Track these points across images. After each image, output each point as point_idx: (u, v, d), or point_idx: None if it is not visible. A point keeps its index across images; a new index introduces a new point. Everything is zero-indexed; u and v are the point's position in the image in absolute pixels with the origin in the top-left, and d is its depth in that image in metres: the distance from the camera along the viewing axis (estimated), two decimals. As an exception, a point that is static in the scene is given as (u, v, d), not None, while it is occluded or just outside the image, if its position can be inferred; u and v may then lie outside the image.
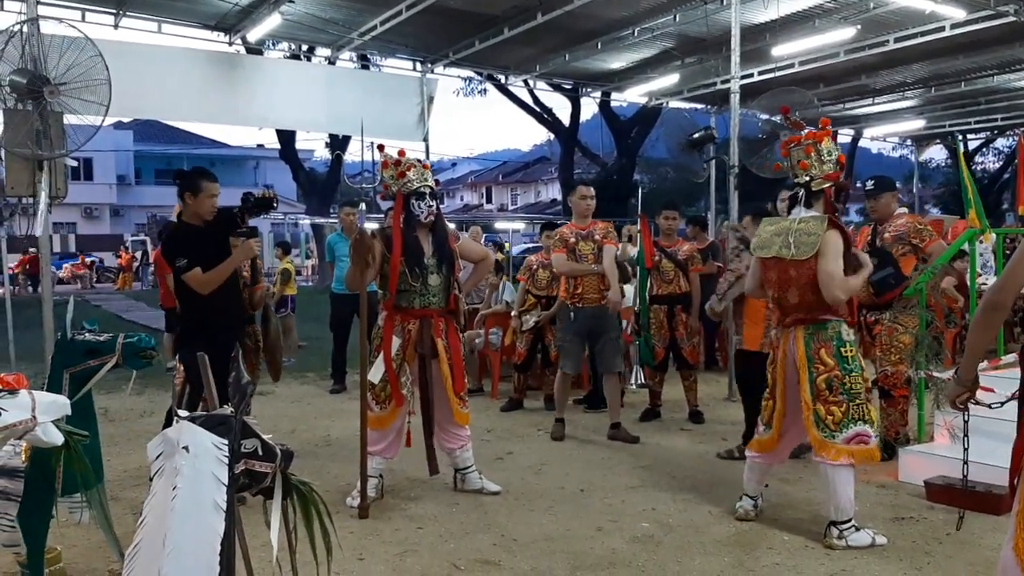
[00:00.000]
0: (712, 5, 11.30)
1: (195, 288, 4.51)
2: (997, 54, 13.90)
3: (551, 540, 4.17)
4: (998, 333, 4.30)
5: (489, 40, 12.72)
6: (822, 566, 3.83)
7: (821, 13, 11.98)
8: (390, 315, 4.83)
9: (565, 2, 11.05)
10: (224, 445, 1.98)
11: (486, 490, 4.94)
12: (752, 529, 4.32)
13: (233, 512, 1.98)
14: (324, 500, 2.44)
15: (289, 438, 6.43)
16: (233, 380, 2.20)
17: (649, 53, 14.32)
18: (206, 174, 4.67)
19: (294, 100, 12.67)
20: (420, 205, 4.78)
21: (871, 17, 11.87)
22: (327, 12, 11.97)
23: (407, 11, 11.18)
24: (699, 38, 12.74)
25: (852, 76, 15.47)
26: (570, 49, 13.89)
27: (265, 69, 13.08)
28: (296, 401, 8.07)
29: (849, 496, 4.06)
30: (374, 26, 12.06)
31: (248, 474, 2.10)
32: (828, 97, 16.64)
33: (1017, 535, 2.28)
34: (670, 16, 12.10)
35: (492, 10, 11.89)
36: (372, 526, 4.39)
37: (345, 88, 13.13)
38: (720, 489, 5.00)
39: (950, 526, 4.27)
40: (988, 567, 3.65)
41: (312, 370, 9.68)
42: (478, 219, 35.56)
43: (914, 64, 14.90)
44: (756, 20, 11.85)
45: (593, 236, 6.34)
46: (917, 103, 18.15)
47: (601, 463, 5.67)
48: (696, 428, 6.80)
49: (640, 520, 4.47)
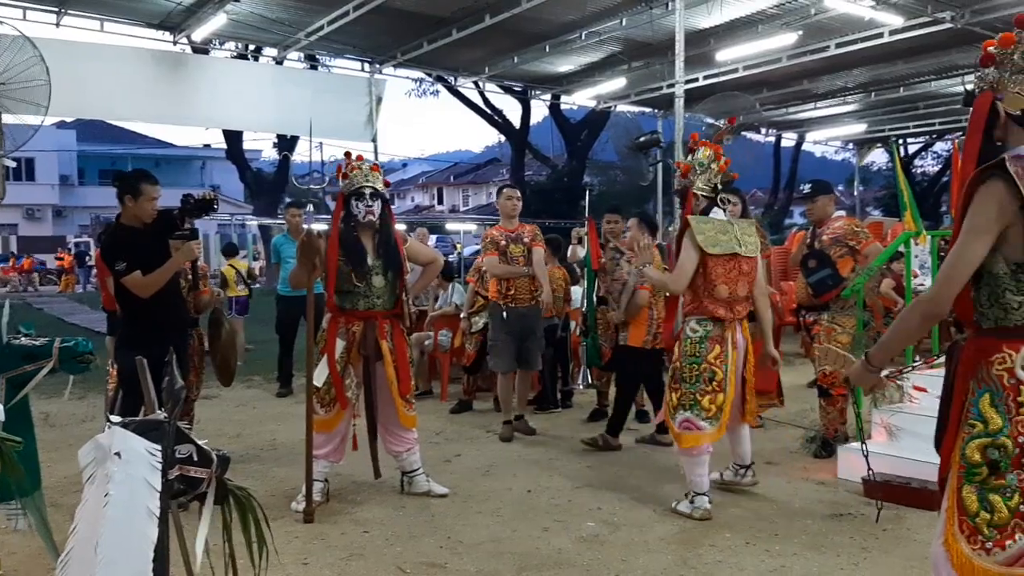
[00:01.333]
0: (657, 10, 11.45)
1: (135, 292, 4.43)
2: (935, 60, 14.30)
3: (498, 541, 4.18)
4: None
5: (438, 41, 12.74)
6: (763, 563, 3.90)
7: (764, 19, 12.21)
8: (334, 317, 4.80)
9: (513, 5, 11.11)
10: (157, 451, 1.95)
11: (433, 492, 4.93)
12: (695, 527, 4.38)
13: (167, 519, 1.95)
14: (265, 505, 2.42)
15: (234, 442, 6.36)
16: (167, 385, 2.17)
17: (597, 57, 14.46)
18: (146, 176, 4.59)
19: (241, 100, 12.55)
20: (358, 205, 4.76)
21: (812, 23, 12.13)
22: (273, 12, 11.87)
23: (354, 11, 11.14)
24: (645, 42, 12.90)
25: (795, 81, 15.79)
26: (519, 52, 13.97)
27: (211, 69, 12.93)
28: (242, 405, 7.97)
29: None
30: (321, 26, 12.01)
31: (183, 480, 2.07)
32: (772, 101, 16.98)
33: (947, 530, 2.34)
34: (616, 20, 12.24)
35: (440, 12, 11.90)
36: (317, 530, 4.36)
37: (293, 88, 13.04)
38: (665, 487, 5.07)
39: (887, 522, 4.40)
40: (924, 562, 3.73)
41: (258, 373, 9.56)
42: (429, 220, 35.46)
43: (855, 69, 15.26)
44: (700, 25, 12.03)
45: (522, 239, 6.47)
46: (858, 108, 18.59)
47: (549, 464, 5.70)
48: (642, 427, 6.86)
49: (586, 519, 4.51)
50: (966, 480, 2.29)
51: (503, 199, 6.68)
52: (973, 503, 2.27)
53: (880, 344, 2.56)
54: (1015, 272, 2.20)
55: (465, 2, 11.45)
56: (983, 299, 2.28)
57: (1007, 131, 2.25)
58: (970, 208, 2.22)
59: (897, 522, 4.40)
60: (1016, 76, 2.21)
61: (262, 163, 35.84)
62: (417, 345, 8.27)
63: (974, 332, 2.34)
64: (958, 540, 2.31)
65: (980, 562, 2.27)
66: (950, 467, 2.37)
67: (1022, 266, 2.18)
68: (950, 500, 2.35)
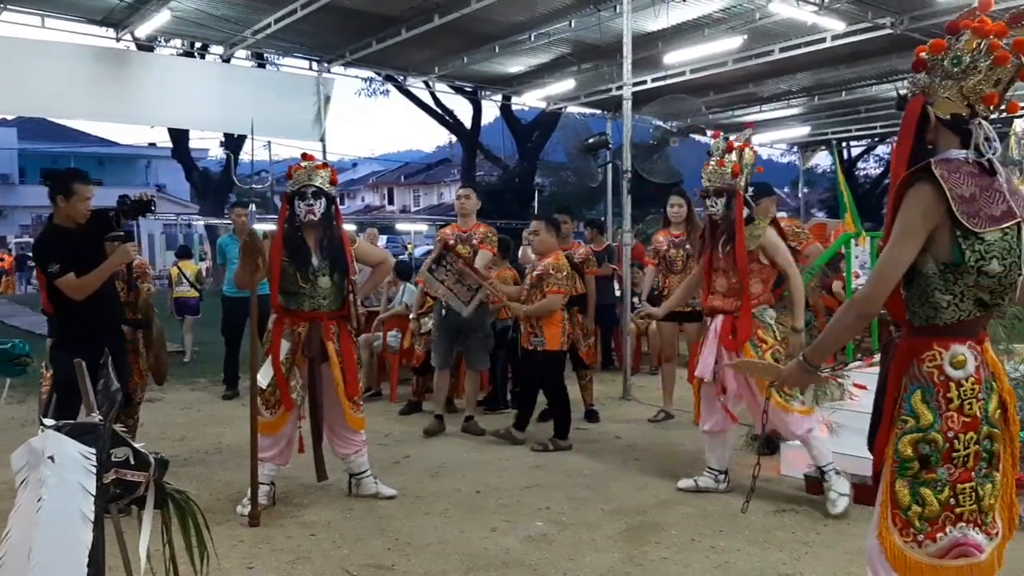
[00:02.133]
0: (605, 12, 11.52)
1: (68, 294, 4.33)
2: (876, 65, 14.61)
3: (445, 542, 4.18)
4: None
5: (387, 41, 12.67)
6: (707, 559, 3.95)
7: (710, 23, 12.37)
8: (279, 318, 4.76)
9: (462, 5, 11.09)
10: (92, 454, 1.91)
11: (381, 494, 4.90)
12: (642, 525, 4.43)
13: (102, 523, 1.92)
14: (209, 509, 2.40)
15: (178, 445, 6.26)
16: (102, 387, 2.13)
17: (546, 58, 14.51)
18: (79, 176, 4.49)
19: (186, 98, 12.35)
20: (300, 205, 4.72)
21: (757, 27, 12.32)
22: (219, 9, 11.70)
23: (302, 10, 11.03)
24: (594, 44, 12.98)
25: (740, 84, 16.02)
26: (468, 52, 13.96)
27: (156, 66, 12.70)
28: (186, 408, 7.85)
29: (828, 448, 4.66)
30: (268, 24, 11.86)
31: (119, 484, 2.03)
32: (718, 105, 17.21)
33: (881, 523, 2.41)
34: (566, 22, 12.30)
35: (389, 11, 11.84)
36: (263, 534, 4.31)
37: (239, 87, 12.87)
38: (612, 487, 5.11)
39: (829, 517, 4.49)
40: (863, 555, 3.80)
41: (204, 375, 9.43)
42: (379, 220, 35.26)
43: (798, 74, 15.53)
44: (648, 28, 12.14)
45: (472, 240, 6.54)
46: (802, 111, 18.93)
47: (498, 464, 5.70)
48: (591, 427, 6.92)
49: (534, 519, 4.53)
50: (899, 474, 2.36)
51: (455, 199, 6.81)
52: (905, 497, 2.34)
53: (816, 344, 2.62)
54: (943, 272, 2.26)
55: (414, 2, 11.40)
56: (914, 299, 2.35)
57: (937, 135, 2.32)
58: (900, 211, 2.28)
59: (837, 517, 4.49)
60: (946, 82, 2.28)
61: (209, 162, 35.26)
62: (366, 346, 8.22)
63: (906, 331, 2.40)
64: (891, 533, 2.37)
65: (912, 554, 2.33)
66: (884, 462, 2.43)
67: (950, 266, 2.25)
68: (884, 494, 2.42)
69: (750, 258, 4.72)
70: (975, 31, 2.22)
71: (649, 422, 7.03)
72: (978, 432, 2.30)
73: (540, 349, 6.15)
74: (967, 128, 2.27)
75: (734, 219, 4.72)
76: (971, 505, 2.31)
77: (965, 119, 2.27)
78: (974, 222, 2.20)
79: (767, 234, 4.72)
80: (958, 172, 2.23)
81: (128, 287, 5.15)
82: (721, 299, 4.85)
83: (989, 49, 2.21)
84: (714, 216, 4.83)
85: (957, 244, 2.22)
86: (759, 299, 4.79)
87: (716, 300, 4.88)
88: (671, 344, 7.17)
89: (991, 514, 2.35)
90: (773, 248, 4.75)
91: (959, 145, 2.28)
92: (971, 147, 2.26)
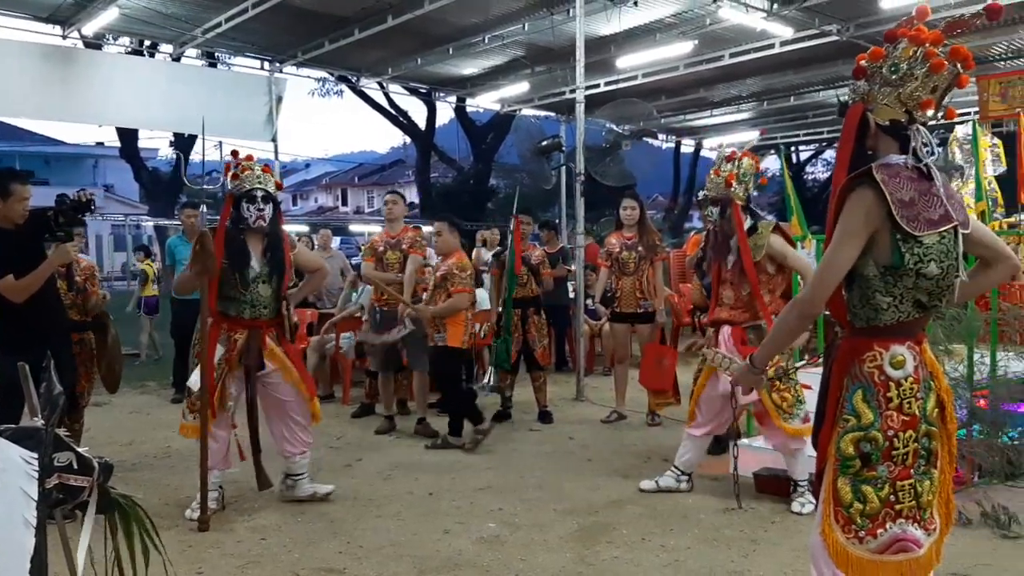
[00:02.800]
0: (559, 16, 11.59)
1: (7, 296, 4.23)
2: (823, 71, 14.89)
3: (397, 545, 4.17)
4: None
5: (339, 41, 12.59)
6: (657, 558, 4.00)
7: (662, 27, 12.50)
8: (216, 322, 4.62)
9: (416, 6, 11.07)
10: (33, 459, 1.88)
11: (318, 494, 4.87)
12: (594, 525, 4.46)
13: (45, 529, 1.88)
14: (158, 514, 2.38)
15: (126, 450, 6.16)
16: (44, 391, 2.09)
17: (500, 60, 14.54)
18: (16, 176, 4.39)
19: (135, 97, 12.13)
20: (249, 208, 4.64)
21: (708, 33, 12.48)
22: (168, 7, 11.54)
23: (253, 9, 10.92)
24: (547, 47, 13.05)
25: (692, 89, 16.22)
26: (422, 53, 13.93)
27: (104, 64, 12.46)
28: (135, 412, 7.71)
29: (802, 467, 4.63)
30: (219, 23, 11.71)
31: (62, 489, 2.00)
32: (670, 109, 17.40)
33: (824, 521, 2.46)
34: (519, 25, 12.34)
35: (342, 11, 11.78)
36: (213, 538, 4.26)
37: (189, 86, 12.67)
38: (565, 487, 5.14)
39: (776, 515, 4.58)
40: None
41: (153, 379, 9.27)
42: (332, 222, 34.94)
43: (748, 79, 15.77)
44: (601, 32, 12.23)
45: (400, 245, 6.60)
46: (752, 115, 19.22)
47: (451, 466, 5.70)
48: (545, 428, 6.95)
49: (487, 521, 4.54)
50: (841, 472, 2.40)
51: (384, 204, 6.90)
52: (847, 494, 2.39)
53: (762, 346, 2.68)
54: (884, 275, 2.32)
55: (367, 2, 11.35)
56: (855, 300, 2.40)
57: (877, 140, 2.38)
58: (841, 214, 2.33)
59: (785, 515, 4.57)
60: (885, 88, 2.34)
61: (158, 162, 34.66)
62: (318, 348, 8.17)
63: (848, 332, 2.46)
64: (834, 530, 2.42)
65: (854, 550, 2.38)
66: (827, 460, 2.49)
67: (890, 269, 2.31)
68: (827, 492, 2.46)
69: (757, 268, 4.69)
70: (912, 39, 2.29)
71: (602, 423, 7.08)
72: (917, 430, 2.36)
73: (440, 344, 6.17)
74: (905, 134, 2.33)
75: (732, 229, 4.69)
76: (910, 502, 2.37)
77: (903, 125, 2.33)
78: (913, 226, 2.26)
79: (771, 241, 4.69)
80: (898, 177, 2.30)
81: (68, 287, 5.05)
82: (728, 311, 4.80)
83: (925, 56, 2.27)
84: (710, 226, 4.82)
85: (897, 247, 2.28)
86: (767, 310, 4.74)
87: (723, 312, 4.83)
88: (624, 346, 7.23)
89: (929, 510, 2.41)
90: (781, 255, 4.72)
91: (898, 150, 2.34)
92: (909, 152, 2.33)
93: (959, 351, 4.92)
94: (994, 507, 4.30)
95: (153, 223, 26.46)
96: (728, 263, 4.77)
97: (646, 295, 6.91)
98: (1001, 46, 13.90)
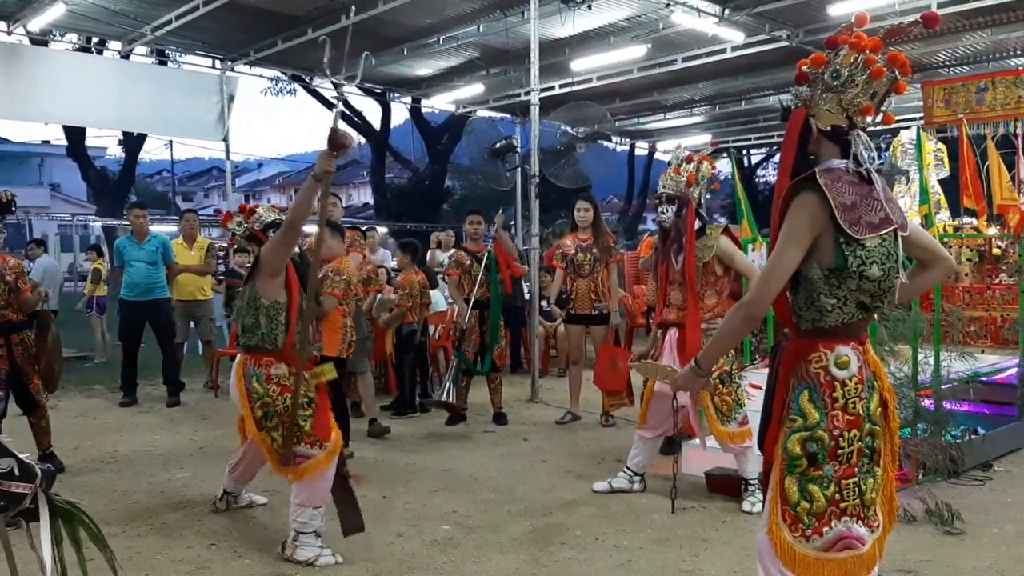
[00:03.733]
0: (514, 18, 11.62)
1: None
2: (773, 76, 15.15)
3: (350, 548, 4.13)
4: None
5: (292, 40, 12.48)
6: (610, 557, 4.03)
7: (615, 31, 12.61)
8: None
9: (370, 6, 11.02)
10: (-28, 466, 1.84)
11: (255, 503, 4.80)
12: (547, 526, 4.48)
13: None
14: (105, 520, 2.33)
15: (72, 455, 6.02)
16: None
17: (455, 62, 14.55)
18: None
19: (83, 95, 11.91)
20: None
21: (661, 37, 12.62)
22: (117, 4, 11.35)
23: (204, 6, 10.77)
24: (502, 49, 13.07)
25: (645, 92, 16.40)
26: (376, 54, 13.82)
27: (50, 61, 12.19)
28: (81, 415, 7.55)
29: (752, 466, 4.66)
30: (169, 20, 11.54)
31: (3, 496, 1.95)
32: (624, 112, 17.55)
33: (771, 520, 2.49)
34: (474, 27, 12.36)
35: (295, 10, 11.69)
36: (161, 544, 4.19)
37: (139, 84, 12.47)
38: (519, 489, 5.15)
39: (727, 514, 4.63)
40: (758, 549, 3.97)
41: (100, 382, 9.09)
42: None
43: (700, 83, 15.98)
44: (555, 35, 12.30)
45: None
46: (704, 119, 19.47)
47: (405, 468, 5.68)
48: (500, 430, 6.95)
49: (440, 523, 4.53)
50: (788, 472, 2.44)
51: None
52: (794, 493, 2.42)
53: (707, 347, 2.71)
54: (828, 277, 2.36)
55: (320, 2, 11.28)
56: (801, 302, 2.44)
57: (819, 146, 2.43)
58: (786, 218, 2.37)
59: (736, 514, 4.63)
60: (826, 94, 2.38)
61: (107, 161, 34.00)
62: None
63: (794, 333, 2.50)
64: (781, 529, 2.45)
65: (800, 549, 2.42)
66: (774, 460, 2.52)
67: (834, 271, 2.35)
68: (774, 491, 2.50)
69: (705, 270, 4.72)
70: (852, 46, 2.33)
71: (556, 424, 7.10)
72: (861, 429, 2.40)
73: (316, 354, 6.00)
74: (846, 139, 2.38)
75: (684, 229, 4.70)
76: (854, 500, 2.41)
77: (844, 130, 2.38)
78: (855, 229, 2.31)
79: (720, 243, 4.72)
80: (840, 181, 2.34)
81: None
82: (676, 312, 4.80)
83: (865, 63, 2.32)
84: (664, 223, 4.82)
85: (840, 250, 2.33)
86: (714, 311, 4.75)
87: (671, 313, 4.83)
88: (578, 347, 7.27)
89: (873, 508, 2.46)
90: (729, 256, 4.76)
91: (839, 155, 2.39)
92: (850, 157, 2.38)
93: (904, 351, 5.03)
94: (937, 504, 4.40)
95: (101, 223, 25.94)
96: (676, 263, 4.79)
97: (600, 297, 6.96)
98: (945, 54, 14.27)
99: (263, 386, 4.00)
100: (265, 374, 4.02)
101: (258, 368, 4.04)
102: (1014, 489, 5.01)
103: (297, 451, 3.94)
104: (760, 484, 4.60)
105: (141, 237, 8.04)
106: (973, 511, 4.51)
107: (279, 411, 3.97)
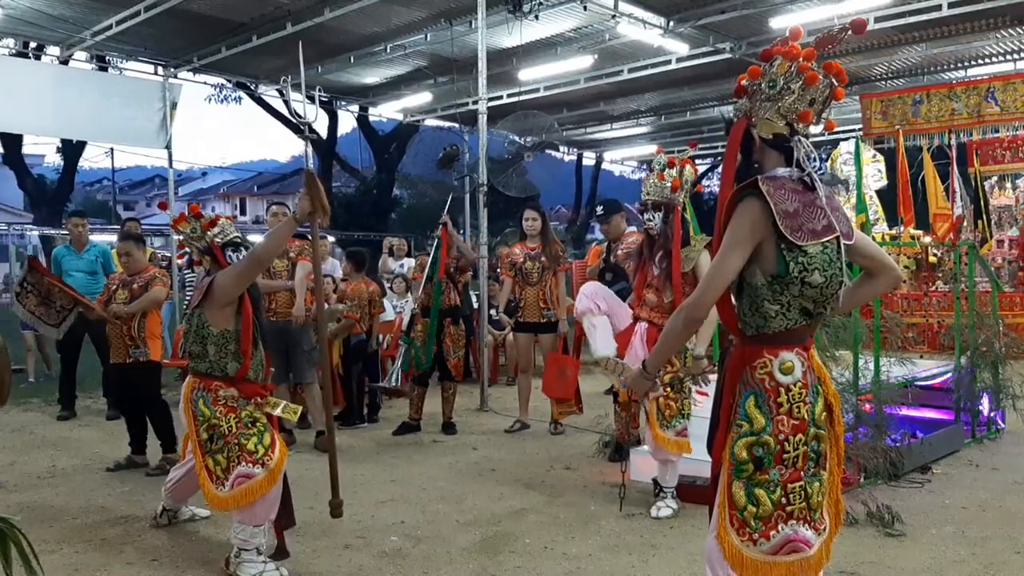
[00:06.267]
0: (461, 27, 11.63)
1: None
2: (717, 87, 15.39)
3: (297, 562, 4.06)
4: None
5: (237, 47, 12.33)
6: (560, 566, 4.02)
7: (562, 41, 12.71)
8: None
9: (315, 14, 10.94)
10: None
11: (197, 516, 4.70)
12: (497, 535, 4.46)
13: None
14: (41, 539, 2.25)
15: (7, 471, 5.86)
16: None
17: (403, 70, 14.51)
18: None
19: (19, 101, 11.54)
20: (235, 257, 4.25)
21: (607, 48, 12.75)
22: (55, 8, 11.09)
23: (145, 12, 10.59)
24: (450, 58, 13.07)
25: (592, 102, 16.54)
26: (323, 61, 13.77)
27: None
28: (17, 430, 7.33)
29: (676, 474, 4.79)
30: (109, 26, 11.31)
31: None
32: (571, 121, 17.68)
33: (719, 524, 2.51)
34: (421, 35, 12.35)
35: (239, 17, 11.55)
36: (100, 561, 4.07)
37: (78, 90, 12.15)
38: (468, 499, 5.13)
39: (674, 520, 4.66)
40: (705, 554, 4.01)
41: (37, 395, 8.84)
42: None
43: (646, 94, 16.18)
44: (503, 44, 12.34)
45: (288, 253, 6.52)
46: (650, 129, 19.70)
47: (353, 480, 5.61)
48: (448, 439, 6.92)
49: (389, 535, 4.48)
50: (735, 477, 2.47)
51: (272, 215, 6.78)
52: (741, 498, 2.45)
53: (653, 351, 2.73)
54: (771, 284, 2.40)
55: (265, 8, 11.16)
56: (745, 309, 2.48)
57: (762, 155, 2.47)
58: (729, 224, 2.41)
59: (683, 519, 4.66)
60: (765, 104, 2.42)
61: (44, 169, 33.15)
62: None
63: (739, 340, 2.53)
64: (729, 533, 2.47)
65: (748, 552, 2.45)
66: (721, 465, 2.55)
67: (777, 278, 2.39)
68: (722, 496, 2.52)
69: (684, 280, 4.70)
70: (786, 55, 2.38)
71: (506, 432, 7.10)
72: (806, 434, 2.44)
73: (143, 360, 5.84)
74: (789, 146, 2.42)
75: (671, 235, 4.71)
76: (800, 503, 2.44)
77: (786, 137, 2.42)
78: (797, 236, 2.35)
79: (700, 259, 4.71)
80: (783, 189, 2.38)
81: None
82: (649, 311, 4.80)
83: (799, 71, 2.37)
84: (651, 230, 4.81)
85: (782, 256, 2.36)
86: None
87: (644, 311, 4.83)
88: (527, 355, 7.28)
89: (819, 511, 2.49)
90: (702, 270, 4.72)
91: (783, 164, 2.43)
92: (794, 164, 2.42)
93: (845, 357, 5.12)
94: (879, 507, 4.49)
95: (38, 232, 25.25)
96: (656, 267, 4.78)
97: (549, 305, 6.99)
98: (882, 67, 14.64)
99: (210, 408, 3.93)
100: (213, 396, 3.95)
101: (206, 392, 3.97)
102: (951, 491, 5.14)
103: (238, 471, 3.85)
104: (674, 492, 4.77)
105: (80, 246, 7.85)
106: (913, 513, 4.62)
107: (224, 432, 3.89)
